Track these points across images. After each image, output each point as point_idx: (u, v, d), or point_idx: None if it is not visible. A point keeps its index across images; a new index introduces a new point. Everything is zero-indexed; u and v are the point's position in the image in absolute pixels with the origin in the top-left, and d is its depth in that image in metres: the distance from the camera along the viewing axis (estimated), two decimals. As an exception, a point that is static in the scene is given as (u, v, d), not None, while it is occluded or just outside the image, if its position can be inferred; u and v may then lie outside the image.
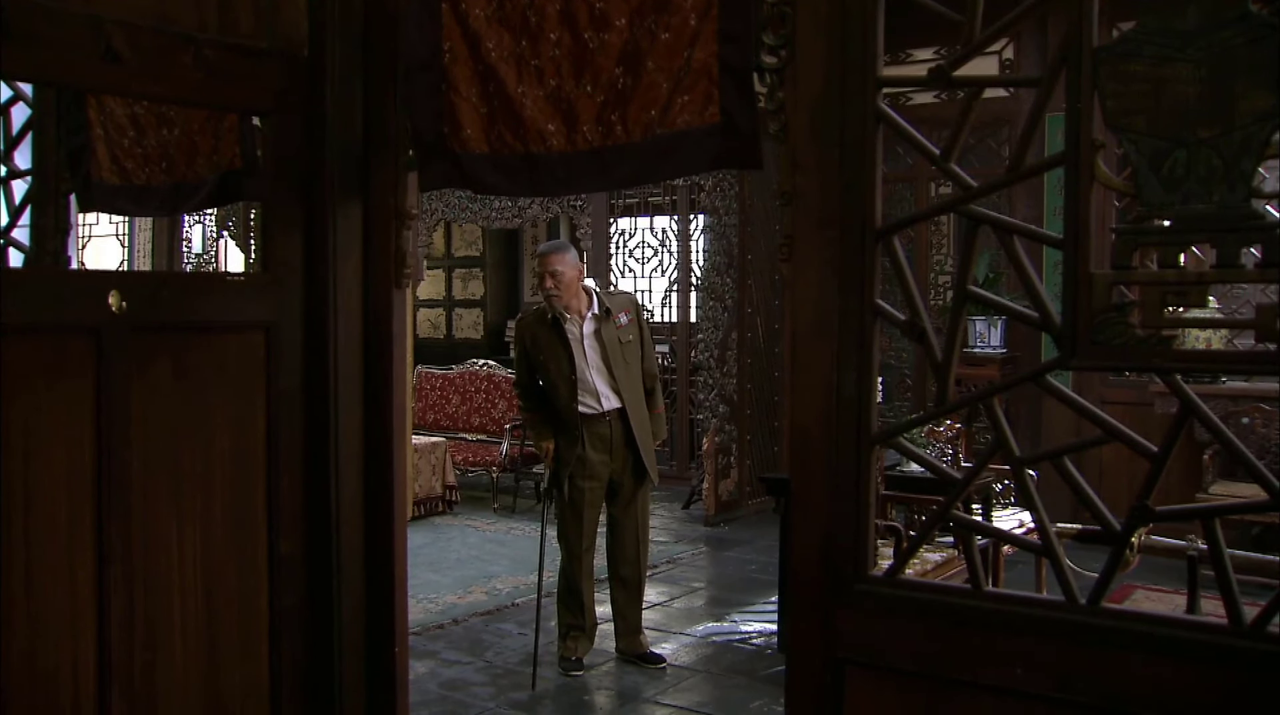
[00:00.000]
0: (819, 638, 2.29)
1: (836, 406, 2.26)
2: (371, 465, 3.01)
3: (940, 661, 2.16)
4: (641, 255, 9.70)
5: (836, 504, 2.26)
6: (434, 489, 8.13)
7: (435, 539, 7.52)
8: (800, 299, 2.32)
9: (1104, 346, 1.98)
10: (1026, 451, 2.15)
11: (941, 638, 2.16)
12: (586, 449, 4.83)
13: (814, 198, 2.28)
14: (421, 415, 9.48)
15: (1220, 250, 1.90)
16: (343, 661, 3.00)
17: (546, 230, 12.16)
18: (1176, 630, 1.95)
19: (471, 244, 12.56)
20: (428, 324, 12.90)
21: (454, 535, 7.65)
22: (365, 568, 3.02)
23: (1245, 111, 1.87)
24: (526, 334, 4.95)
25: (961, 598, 2.16)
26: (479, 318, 12.62)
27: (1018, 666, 2.07)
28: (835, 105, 2.24)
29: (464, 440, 9.10)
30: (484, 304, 12.55)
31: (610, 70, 2.53)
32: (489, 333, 12.47)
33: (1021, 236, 2.11)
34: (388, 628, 3.00)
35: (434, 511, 8.12)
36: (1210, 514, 1.93)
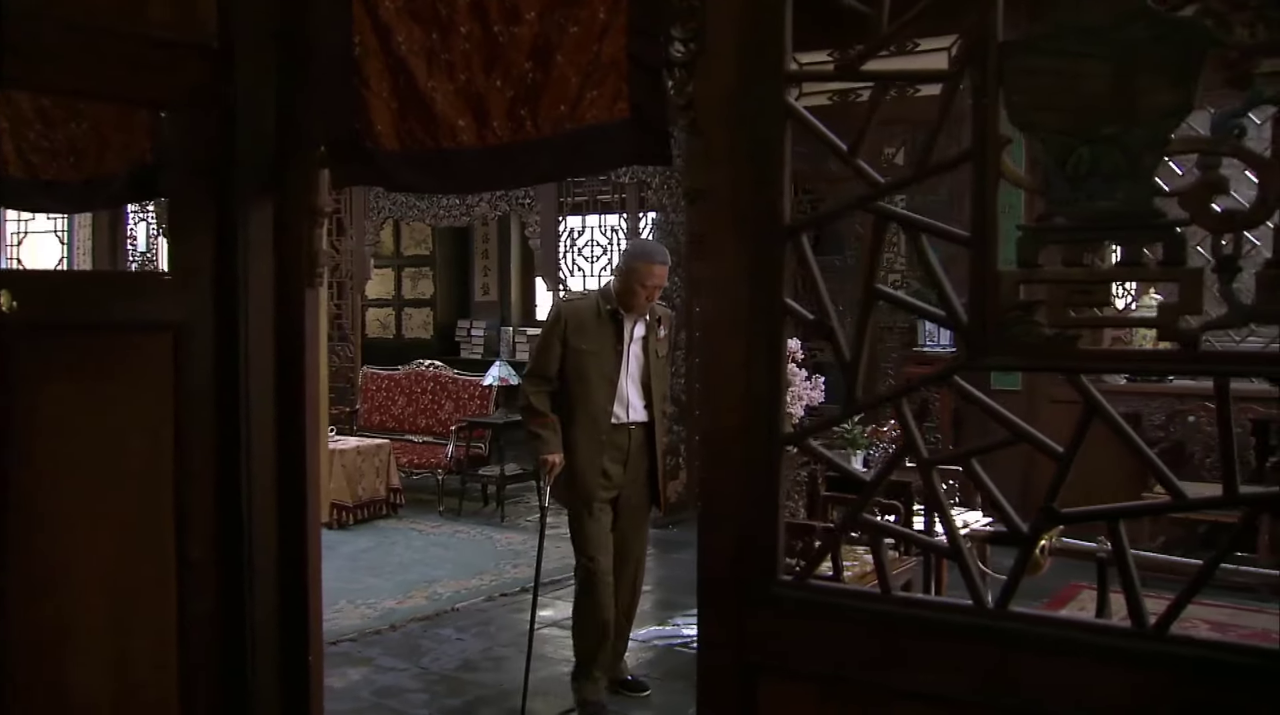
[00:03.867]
0: (730, 644, 2.26)
1: (747, 406, 2.23)
2: (285, 467, 2.96)
3: (851, 666, 2.14)
4: (591, 254, 9.67)
5: (747, 505, 2.24)
6: (378, 491, 8.05)
7: (378, 542, 7.44)
8: (710, 297, 2.29)
9: (1011, 345, 1.97)
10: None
11: (851, 642, 2.14)
12: (605, 460, 4.46)
13: (723, 195, 2.25)
14: (367, 417, 9.40)
15: (1124, 248, 1.90)
16: (256, 670, 2.94)
17: (497, 228, 12.10)
18: (1082, 633, 1.94)
19: (421, 242, 12.47)
20: (377, 324, 12.79)
21: (398, 539, 7.58)
22: (279, 573, 2.97)
23: (1148, 108, 1.86)
24: (573, 320, 4.44)
25: (869, 602, 2.14)
26: (429, 317, 12.52)
27: (928, 671, 2.05)
28: (744, 100, 2.21)
29: (410, 442, 9.03)
30: (434, 303, 12.46)
31: (520, 64, 2.49)
32: (439, 333, 12.38)
33: (929, 234, 2.10)
34: (302, 635, 2.94)
35: (378, 515, 8.05)
36: (1114, 516, 1.93)
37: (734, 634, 2.25)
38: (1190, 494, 1.90)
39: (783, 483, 2.24)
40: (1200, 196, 1.84)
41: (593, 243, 9.62)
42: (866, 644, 2.12)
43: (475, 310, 12.43)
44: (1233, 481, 1.83)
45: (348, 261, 10.46)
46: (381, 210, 10.41)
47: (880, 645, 2.10)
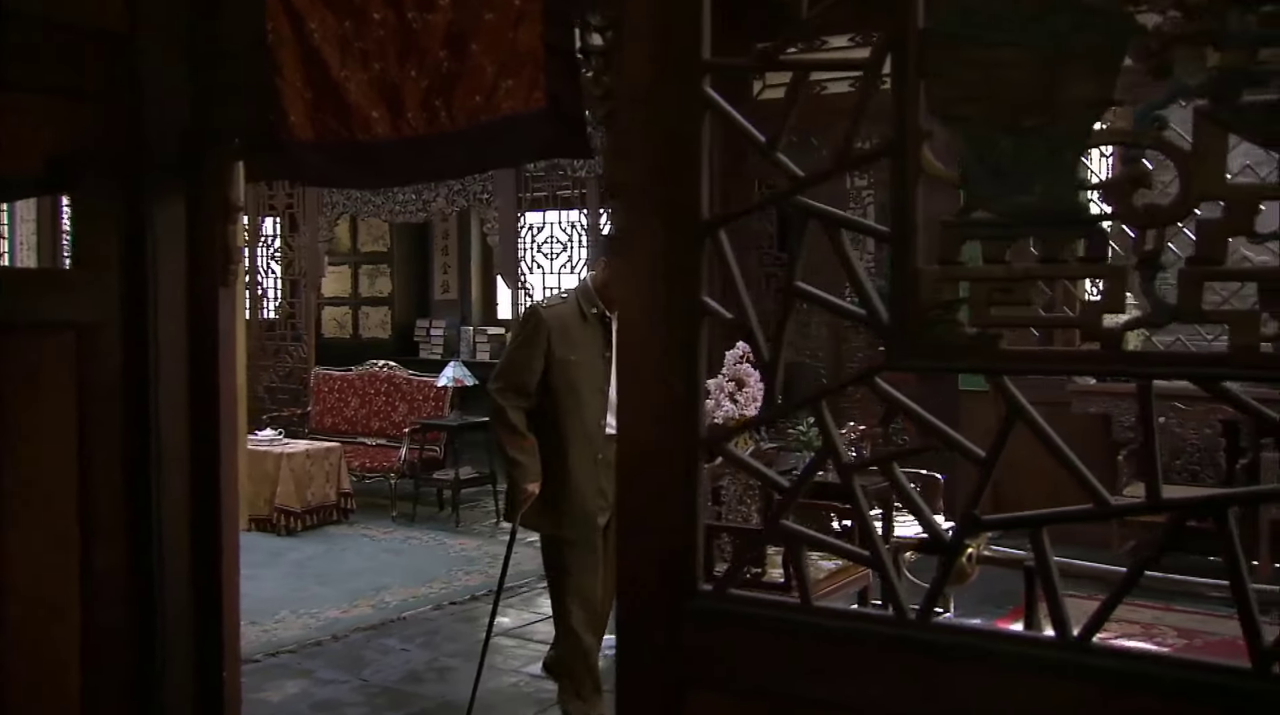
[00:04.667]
0: (649, 656, 2.23)
1: (665, 410, 2.19)
2: (199, 471, 2.90)
3: (772, 678, 2.10)
4: (550, 250, 9.61)
5: (666, 513, 2.20)
6: (328, 496, 7.98)
7: (327, 549, 7.38)
8: (628, 295, 2.26)
9: (932, 345, 1.94)
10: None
11: (772, 654, 2.11)
12: (602, 477, 4.11)
13: (641, 189, 2.21)
14: (319, 419, 9.33)
15: (1046, 244, 1.87)
16: (168, 687, 2.88)
17: (457, 224, 12.02)
18: (1004, 644, 1.92)
19: (379, 239, 12.38)
20: (333, 323, 12.69)
21: (348, 545, 7.51)
22: (193, 581, 2.91)
23: (1070, 99, 1.84)
24: (555, 325, 4.07)
25: (789, 612, 2.11)
26: (387, 316, 12.44)
27: (849, 682, 2.02)
28: (663, 90, 2.18)
29: (363, 445, 8.96)
30: (392, 302, 12.37)
31: (435, 53, 2.45)
32: (397, 332, 12.29)
33: (849, 230, 2.07)
34: (216, 648, 2.88)
35: (328, 520, 7.98)
36: (1036, 522, 1.90)
37: (652, 647, 2.22)
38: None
39: (702, 489, 2.21)
40: (1123, 190, 1.82)
41: (553, 239, 9.57)
42: (787, 655, 2.09)
43: (435, 309, 12.35)
44: (1155, 487, 1.81)
45: (301, 258, 10.39)
46: (336, 206, 10.35)
47: (801, 656, 2.07)
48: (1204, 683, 1.76)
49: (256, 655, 5.11)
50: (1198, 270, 1.76)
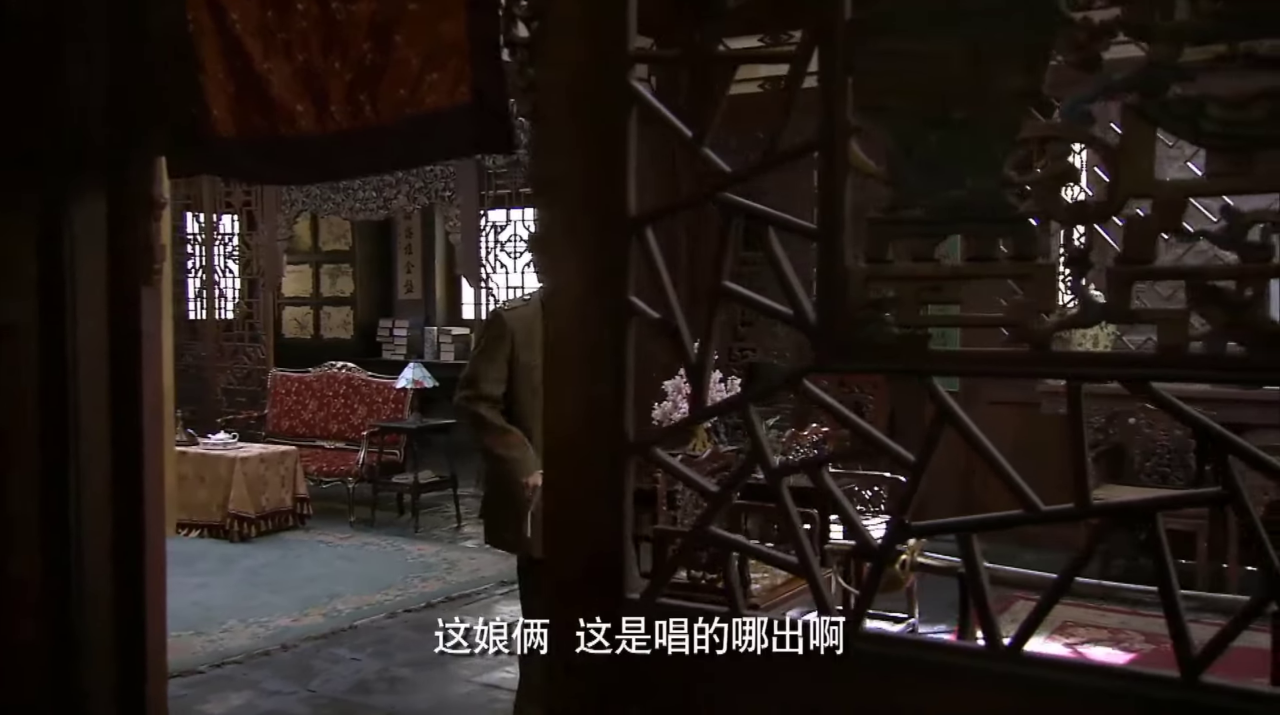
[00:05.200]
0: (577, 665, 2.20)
1: (592, 412, 2.17)
2: (121, 477, 2.85)
3: (698, 688, 2.08)
4: (514, 249, 9.57)
5: (593, 517, 2.17)
6: (283, 502, 7.91)
7: (281, 556, 7.31)
8: (554, 294, 2.23)
9: (861, 346, 1.92)
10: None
11: (698, 664, 2.08)
12: None
13: (567, 185, 2.18)
14: (276, 422, 9.25)
15: (974, 241, 1.86)
16: (89, 704, 2.83)
17: (421, 222, 11.96)
18: (935, 654, 1.90)
19: (340, 237, 12.31)
20: (294, 323, 12.61)
21: (302, 551, 7.45)
22: (116, 592, 2.86)
23: (998, 91, 1.82)
24: (519, 327, 3.91)
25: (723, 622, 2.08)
26: (349, 316, 12.37)
27: (775, 693, 2.00)
28: (590, 83, 2.15)
29: (321, 448, 8.89)
30: (354, 302, 12.30)
31: (358, 44, 2.41)
32: (360, 332, 12.23)
33: (777, 227, 2.04)
34: (139, 662, 2.83)
35: (283, 526, 7.90)
36: (966, 528, 1.88)
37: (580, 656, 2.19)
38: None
39: (630, 492, 2.18)
40: (1050, 187, 1.81)
41: (516, 237, 9.53)
42: (712, 665, 2.06)
43: (398, 309, 12.29)
44: (1084, 493, 1.79)
45: (259, 257, 10.32)
46: (295, 203, 10.27)
47: (727, 666, 2.05)
48: (1132, 692, 1.75)
49: (201, 666, 5.06)
50: (1126, 269, 1.75)
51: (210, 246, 10.34)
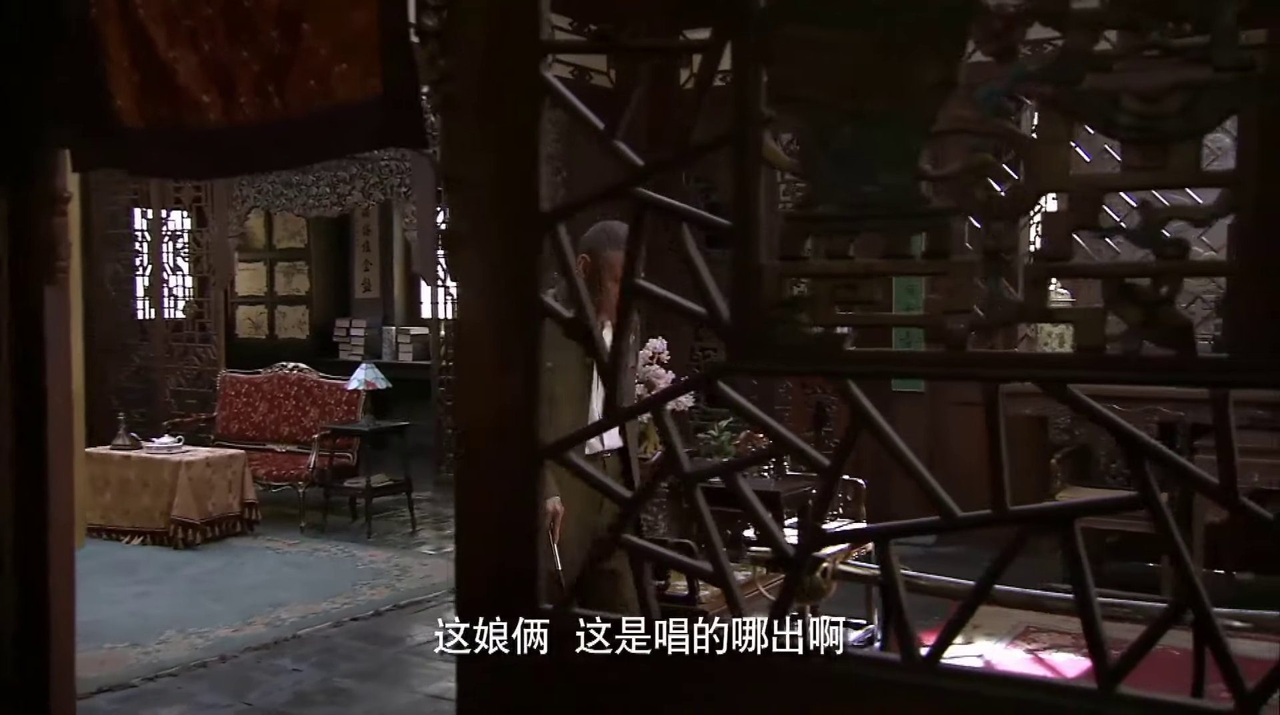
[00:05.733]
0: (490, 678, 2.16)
1: (503, 416, 2.13)
2: (25, 485, 2.79)
3: (609, 701, 2.05)
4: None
5: (504, 527, 2.14)
6: (230, 507, 7.82)
7: (227, 564, 7.22)
8: (464, 294, 2.19)
9: (774, 346, 1.90)
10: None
11: (610, 676, 2.05)
12: (579, 503, 3.71)
13: (477, 180, 2.15)
14: (225, 425, 9.15)
15: (889, 238, 1.83)
16: (-7, 719, 2.77)
17: (379, 219, 11.89)
18: (849, 665, 1.87)
19: (295, 235, 12.22)
20: (248, 323, 12.51)
21: (249, 558, 7.37)
22: (19, 604, 2.80)
23: (913, 82, 1.80)
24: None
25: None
26: (304, 316, 12.27)
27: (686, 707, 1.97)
28: (500, 74, 2.11)
29: (272, 451, 8.79)
30: (310, 301, 12.21)
31: (266, 33, 2.37)
32: (316, 332, 12.14)
33: (690, 223, 2.02)
34: (43, 681, 2.77)
35: (230, 532, 7.81)
36: (883, 535, 1.86)
37: (489, 670, 2.15)
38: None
39: (542, 498, 2.15)
40: (966, 181, 1.78)
41: (474, 235, 9.45)
42: (626, 677, 2.04)
43: (356, 308, 12.21)
44: (1002, 498, 1.77)
45: (209, 255, 10.22)
46: (246, 199, 10.19)
47: (641, 679, 2.02)
48: (1048, 704, 1.73)
49: (134, 680, 4.98)
50: (1042, 267, 1.73)
51: (158, 243, 10.22)
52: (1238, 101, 1.59)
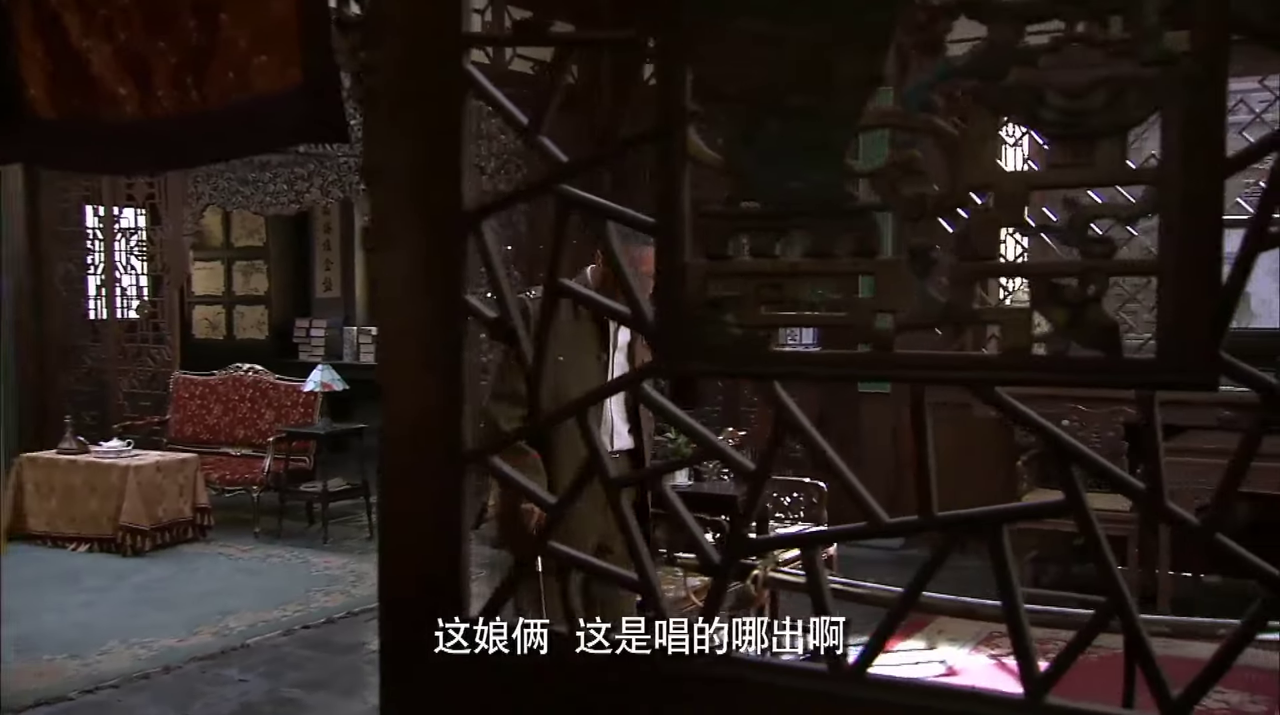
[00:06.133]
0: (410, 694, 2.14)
1: (425, 418, 2.10)
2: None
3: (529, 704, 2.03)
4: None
5: (427, 532, 2.11)
6: (182, 513, 7.76)
7: (176, 571, 7.16)
8: (385, 293, 2.16)
9: (699, 347, 1.87)
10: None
11: (534, 689, 2.03)
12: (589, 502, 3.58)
13: (399, 176, 2.12)
14: (178, 428, 9.08)
15: (815, 236, 1.81)
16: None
17: (340, 216, 11.81)
18: (772, 675, 1.85)
19: (254, 233, 12.12)
20: (205, 323, 12.41)
21: (200, 565, 7.31)
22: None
23: (839, 76, 1.78)
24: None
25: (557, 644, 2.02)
26: (263, 316, 12.18)
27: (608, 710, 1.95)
28: (422, 67, 2.08)
29: (227, 455, 8.73)
30: (269, 300, 12.12)
31: (184, 23, 2.33)
32: (275, 333, 12.04)
33: (616, 222, 1.99)
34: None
35: (182, 538, 7.75)
36: (807, 542, 1.84)
37: (412, 683, 2.13)
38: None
39: (468, 505, 2.12)
40: (892, 177, 1.77)
41: (435, 233, 9.41)
42: (549, 690, 2.01)
43: (316, 308, 12.12)
44: (928, 504, 1.75)
45: (163, 253, 10.13)
46: (202, 196, 10.09)
47: (562, 691, 2.00)
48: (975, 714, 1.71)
49: (71, 693, 4.92)
50: (968, 266, 1.71)
51: (111, 241, 10.12)
52: (1162, 97, 1.58)
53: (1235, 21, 1.52)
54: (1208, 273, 1.56)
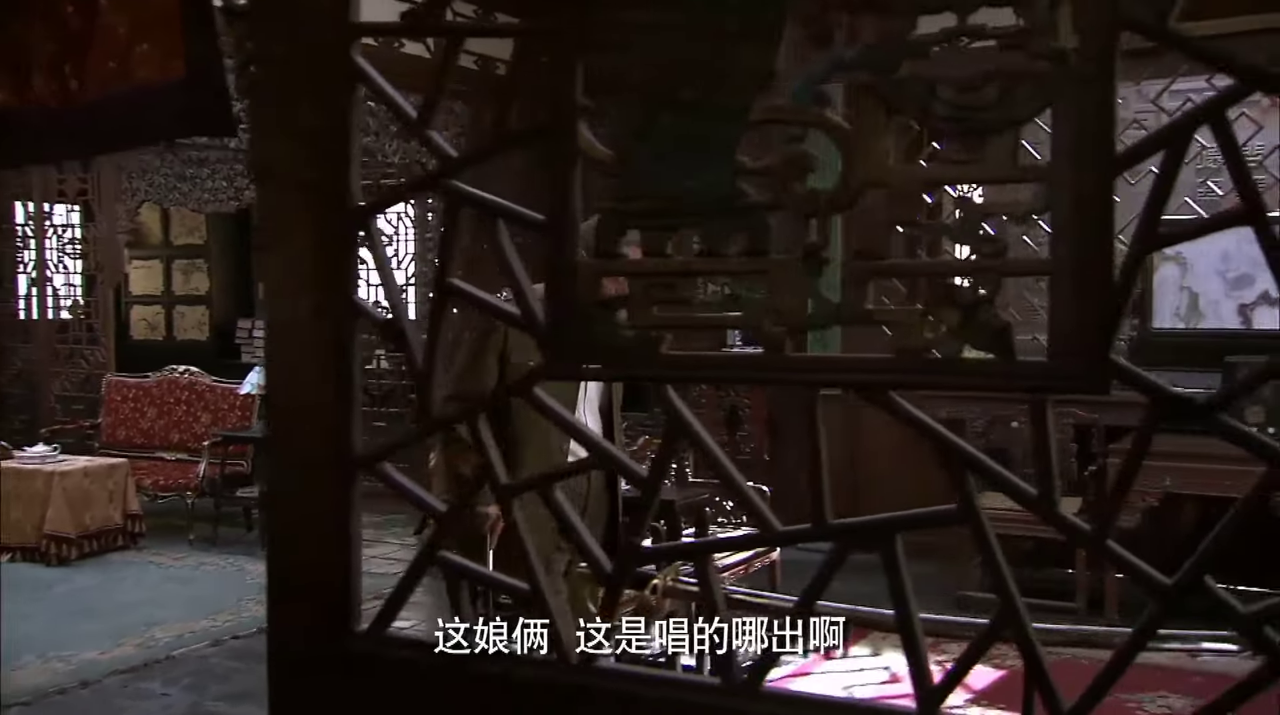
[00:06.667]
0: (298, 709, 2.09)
1: (313, 423, 2.06)
2: None
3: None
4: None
5: (315, 540, 2.07)
6: (111, 520, 7.65)
7: (104, 580, 7.06)
8: (273, 292, 2.12)
9: (590, 348, 1.84)
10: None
11: (428, 704, 1.99)
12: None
13: (286, 171, 2.07)
14: (111, 432, 8.96)
15: (705, 234, 1.79)
16: None
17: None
18: (668, 690, 1.82)
19: (194, 231, 12.00)
20: (144, 324, 12.27)
21: (129, 574, 7.21)
22: None
23: (730, 69, 1.76)
24: (512, 332, 3.39)
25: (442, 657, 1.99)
26: (204, 316, 12.05)
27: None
28: (308, 57, 2.04)
29: (161, 460, 8.62)
30: (210, 300, 11.99)
31: (62, 8, 2.27)
32: (216, 333, 11.92)
33: (505, 218, 1.96)
34: None
35: (111, 546, 7.64)
36: (699, 551, 1.82)
37: (300, 701, 2.09)
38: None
39: (357, 511, 2.08)
40: (784, 174, 1.74)
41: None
42: (444, 704, 1.98)
43: (259, 308, 11.99)
44: (821, 512, 1.73)
45: (97, 251, 10.01)
46: (137, 192, 9.98)
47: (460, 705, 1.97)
48: (866, 730, 1.69)
49: (-21, 709, 4.84)
50: (862, 266, 1.69)
51: (42, 239, 9.99)
52: (1053, 91, 1.56)
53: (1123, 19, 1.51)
54: (1098, 273, 1.55)
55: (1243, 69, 1.46)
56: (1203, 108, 1.49)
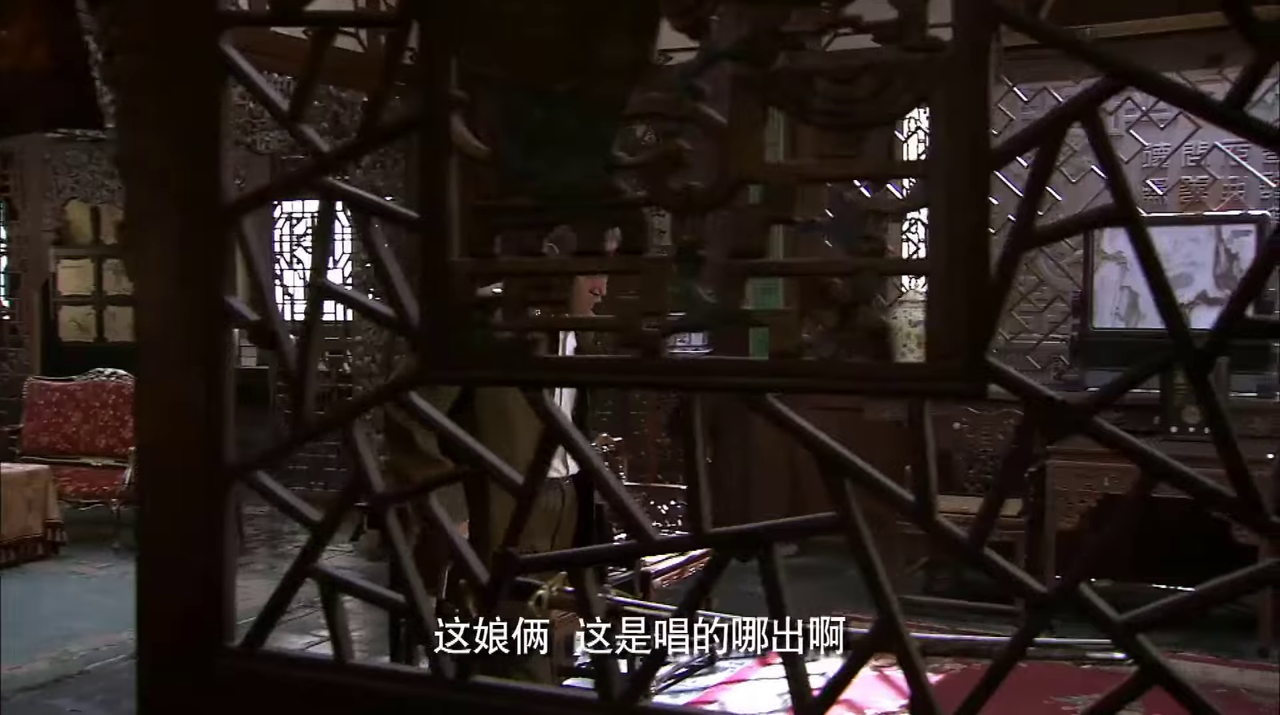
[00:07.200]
0: None
1: (185, 429, 2.01)
2: None
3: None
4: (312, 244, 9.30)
5: (186, 552, 2.02)
6: (30, 529, 7.52)
7: (20, 592, 6.91)
8: (141, 293, 2.07)
9: (463, 352, 1.81)
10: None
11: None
12: (534, 530, 3.37)
13: (153, 167, 2.02)
14: (33, 438, 8.80)
15: (580, 232, 1.75)
16: None
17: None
18: (544, 706, 1.79)
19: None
20: (74, 325, 12.05)
21: (47, 586, 7.09)
22: None
23: (604, 61, 1.72)
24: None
25: (322, 672, 1.95)
26: (136, 317, 11.87)
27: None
28: (175, 48, 1.99)
29: (86, 466, 8.48)
30: (141, 301, 11.81)
31: (-79, -4, 2.20)
32: (148, 335, 11.74)
33: (379, 217, 1.92)
34: None
35: (30, 556, 7.52)
36: (575, 562, 1.78)
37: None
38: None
39: (231, 522, 2.03)
40: (658, 170, 1.71)
41: (313, 231, 9.25)
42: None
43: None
44: (699, 521, 1.70)
45: (21, 250, 9.86)
46: (64, 189, 9.82)
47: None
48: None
49: None
50: (739, 264, 1.66)
51: (-38, 238, 9.82)
52: (927, 85, 1.54)
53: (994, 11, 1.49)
54: (973, 272, 1.53)
55: (1112, 65, 1.45)
56: (1073, 104, 1.48)
